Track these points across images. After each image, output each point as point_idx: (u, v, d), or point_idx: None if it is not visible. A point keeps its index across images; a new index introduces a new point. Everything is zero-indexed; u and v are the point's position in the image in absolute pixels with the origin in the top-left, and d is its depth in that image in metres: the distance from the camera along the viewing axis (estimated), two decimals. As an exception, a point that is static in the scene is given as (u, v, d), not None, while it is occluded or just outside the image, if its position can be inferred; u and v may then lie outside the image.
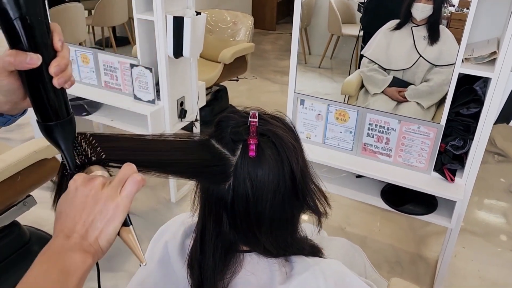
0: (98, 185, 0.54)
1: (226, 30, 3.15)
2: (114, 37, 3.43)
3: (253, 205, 0.64)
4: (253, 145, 0.62)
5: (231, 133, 0.64)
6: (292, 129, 0.70)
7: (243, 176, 0.63)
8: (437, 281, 1.78)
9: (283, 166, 0.64)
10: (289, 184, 0.64)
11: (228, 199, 0.64)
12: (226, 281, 0.69)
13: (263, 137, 0.64)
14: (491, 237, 2.15)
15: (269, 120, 0.67)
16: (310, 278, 0.71)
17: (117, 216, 0.54)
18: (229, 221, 0.66)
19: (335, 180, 1.78)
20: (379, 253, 2.02)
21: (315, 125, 1.75)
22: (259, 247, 0.70)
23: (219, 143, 0.65)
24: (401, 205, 1.66)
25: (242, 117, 0.66)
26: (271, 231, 0.67)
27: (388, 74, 2.05)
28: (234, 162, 0.63)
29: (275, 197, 0.64)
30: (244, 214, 0.64)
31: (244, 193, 0.63)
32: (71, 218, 0.52)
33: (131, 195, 0.55)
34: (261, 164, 0.63)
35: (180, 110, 2.19)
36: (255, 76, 4.09)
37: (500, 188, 2.55)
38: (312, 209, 0.70)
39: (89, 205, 0.53)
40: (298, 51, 1.69)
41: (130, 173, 0.55)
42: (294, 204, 0.67)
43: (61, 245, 0.50)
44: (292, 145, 0.65)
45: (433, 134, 1.54)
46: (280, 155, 0.63)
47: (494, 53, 1.37)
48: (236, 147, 0.64)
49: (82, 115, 2.26)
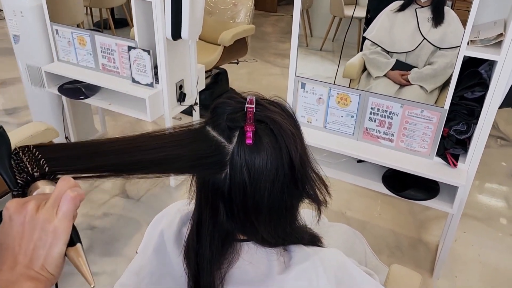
0: (31, 209, 0.50)
1: (226, 12, 3.09)
2: (112, 18, 3.37)
3: (250, 195, 0.61)
4: (250, 132, 0.59)
5: (227, 119, 0.61)
6: (292, 115, 0.67)
7: (240, 165, 0.60)
8: (437, 265, 1.78)
9: (282, 154, 0.61)
10: (288, 172, 0.62)
11: (224, 189, 0.62)
12: (223, 271, 0.67)
13: (260, 123, 0.61)
14: (492, 222, 2.14)
15: (267, 106, 0.64)
16: (310, 268, 0.69)
17: (58, 240, 0.50)
18: (226, 211, 0.64)
19: (336, 165, 1.76)
20: (379, 238, 2.01)
21: (316, 109, 1.72)
22: (257, 237, 0.68)
23: (215, 130, 0.62)
24: (402, 190, 1.64)
25: (239, 102, 0.63)
26: (269, 220, 0.65)
27: (391, 57, 2.01)
28: (231, 150, 0.61)
29: (273, 186, 0.61)
30: (241, 203, 0.62)
31: (241, 182, 0.61)
32: (11, 250, 0.50)
33: (69, 214, 0.51)
34: (258, 152, 0.60)
35: (179, 93, 2.16)
36: (256, 59, 4.04)
37: (502, 172, 2.53)
38: (311, 197, 0.68)
39: (27, 233, 0.50)
40: (299, 34, 1.65)
41: (65, 189, 0.51)
42: (293, 193, 0.65)
43: (7, 278, 0.48)
44: (291, 132, 0.62)
45: (436, 118, 1.51)
46: (278, 143, 0.61)
47: (500, 35, 1.34)
48: (233, 134, 0.61)
49: (80, 98, 2.23)
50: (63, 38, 2.19)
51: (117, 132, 2.82)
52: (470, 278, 1.81)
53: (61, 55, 2.26)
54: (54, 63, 2.28)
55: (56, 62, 2.28)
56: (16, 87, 3.32)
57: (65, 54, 2.24)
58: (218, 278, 0.67)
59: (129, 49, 2.00)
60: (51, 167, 0.55)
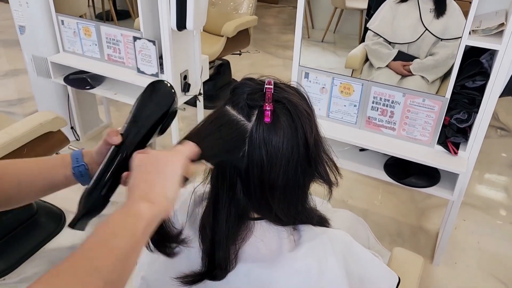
0: (155, 152, 0.61)
1: (228, 3, 3.11)
2: (114, 10, 3.38)
3: (267, 172, 0.64)
4: (268, 111, 0.62)
5: (247, 98, 0.65)
6: (306, 98, 0.70)
7: (258, 142, 0.63)
8: (437, 252, 1.82)
9: (297, 134, 0.64)
10: (303, 151, 0.65)
11: (242, 166, 0.65)
12: (237, 246, 0.71)
13: (278, 103, 0.64)
14: (492, 211, 2.18)
15: (285, 88, 0.67)
16: (318, 246, 0.73)
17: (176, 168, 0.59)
18: (243, 188, 0.67)
19: (339, 154, 1.76)
20: (380, 226, 2.05)
21: (319, 99, 1.75)
22: (271, 215, 0.71)
23: (234, 109, 0.65)
24: (404, 178, 1.68)
25: (258, 84, 0.67)
26: (283, 198, 0.68)
27: (393, 48, 2.03)
28: (250, 128, 0.64)
29: (288, 163, 0.64)
30: (258, 180, 0.65)
31: (259, 160, 0.64)
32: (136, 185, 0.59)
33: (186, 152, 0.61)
34: (276, 130, 0.63)
35: (184, 83, 2.18)
36: (258, 50, 4.06)
37: (502, 162, 2.56)
38: (323, 178, 0.71)
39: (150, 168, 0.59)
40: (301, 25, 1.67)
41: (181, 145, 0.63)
42: (307, 171, 0.68)
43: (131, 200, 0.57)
44: (306, 113, 0.66)
45: (438, 107, 1.54)
46: (294, 122, 0.64)
47: (502, 25, 1.36)
48: (252, 113, 0.64)
49: (86, 88, 2.25)
50: (69, 29, 2.22)
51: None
52: (469, 264, 1.85)
53: (67, 45, 2.28)
54: (60, 53, 2.31)
55: (61, 52, 2.30)
56: (21, 78, 3.35)
57: (70, 44, 2.26)
58: (233, 252, 0.71)
59: (134, 39, 2.02)
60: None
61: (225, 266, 0.70)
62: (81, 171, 0.71)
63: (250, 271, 0.71)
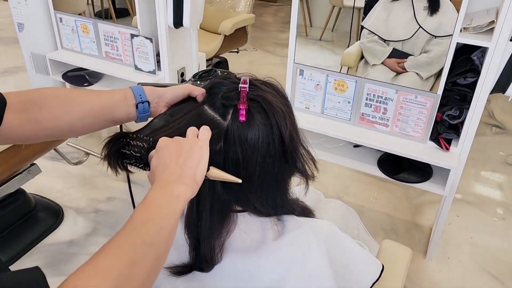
0: (180, 138, 0.64)
1: (226, 1, 3.13)
2: (113, 8, 3.40)
3: (243, 168, 0.67)
4: (243, 110, 0.65)
5: (222, 98, 0.67)
6: (283, 95, 0.72)
7: (233, 140, 0.66)
8: (431, 247, 1.84)
9: (272, 130, 0.66)
10: (279, 147, 0.67)
11: (219, 161, 0.67)
12: (222, 239, 0.73)
13: (253, 102, 0.66)
14: (485, 207, 2.20)
15: (260, 86, 0.70)
16: (301, 235, 0.75)
17: (203, 155, 0.63)
18: (222, 182, 0.69)
19: (333, 150, 1.81)
20: (375, 221, 2.07)
21: (314, 95, 1.77)
22: (250, 207, 0.73)
23: (211, 108, 0.68)
24: (397, 174, 1.70)
25: (234, 83, 0.69)
26: (260, 191, 0.70)
27: (388, 45, 2.05)
28: (225, 126, 0.66)
29: (264, 159, 0.67)
30: (234, 175, 0.67)
31: (234, 156, 0.66)
32: (167, 166, 0.61)
33: (207, 139, 0.64)
34: (251, 128, 0.65)
35: (181, 80, 2.21)
36: (256, 48, 4.07)
37: (497, 159, 2.58)
38: (300, 171, 0.73)
39: (179, 154, 0.62)
40: (299, 23, 1.69)
41: (196, 129, 0.66)
42: (283, 167, 0.70)
43: (167, 180, 0.60)
44: (281, 110, 0.68)
45: (430, 103, 1.56)
46: (269, 120, 0.66)
47: (492, 23, 1.38)
48: (227, 112, 0.67)
49: (84, 85, 2.27)
50: (67, 26, 2.24)
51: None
52: (462, 259, 1.88)
53: (65, 43, 2.30)
54: (58, 50, 2.33)
55: (60, 49, 2.32)
56: (20, 75, 3.36)
57: (69, 42, 2.29)
58: (217, 246, 0.73)
59: (131, 37, 2.04)
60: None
61: (210, 260, 0.72)
62: (144, 108, 0.74)
63: (236, 262, 0.73)
